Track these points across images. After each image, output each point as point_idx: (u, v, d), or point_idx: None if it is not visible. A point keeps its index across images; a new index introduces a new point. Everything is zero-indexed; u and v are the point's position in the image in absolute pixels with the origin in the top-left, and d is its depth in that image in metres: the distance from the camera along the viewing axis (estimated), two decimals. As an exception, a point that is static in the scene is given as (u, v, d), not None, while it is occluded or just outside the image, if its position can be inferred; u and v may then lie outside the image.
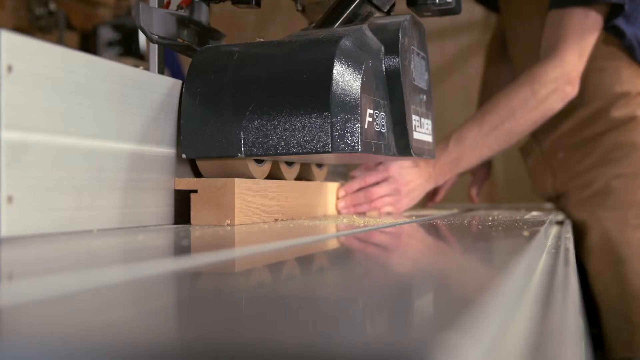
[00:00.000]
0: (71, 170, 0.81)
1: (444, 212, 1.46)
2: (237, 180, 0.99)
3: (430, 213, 1.43)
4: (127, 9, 2.68)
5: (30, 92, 0.76)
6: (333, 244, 0.75)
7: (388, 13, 1.20)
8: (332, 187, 1.37)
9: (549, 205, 1.94)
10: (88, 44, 2.43)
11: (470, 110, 2.79)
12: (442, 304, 0.36)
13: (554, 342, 0.40)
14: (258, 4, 1.20)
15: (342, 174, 1.60)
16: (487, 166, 2.04)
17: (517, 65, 1.86)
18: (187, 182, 1.01)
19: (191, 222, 1.00)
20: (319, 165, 1.30)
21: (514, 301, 0.44)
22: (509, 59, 1.97)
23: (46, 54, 0.78)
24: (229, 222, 0.98)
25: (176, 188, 1.01)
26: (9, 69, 0.72)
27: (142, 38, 2.47)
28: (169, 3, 1.15)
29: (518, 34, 1.84)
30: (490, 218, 1.17)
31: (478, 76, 2.55)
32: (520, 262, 0.52)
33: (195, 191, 1.00)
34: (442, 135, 1.52)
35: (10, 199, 0.73)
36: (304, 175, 1.25)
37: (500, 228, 0.91)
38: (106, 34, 2.50)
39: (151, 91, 0.97)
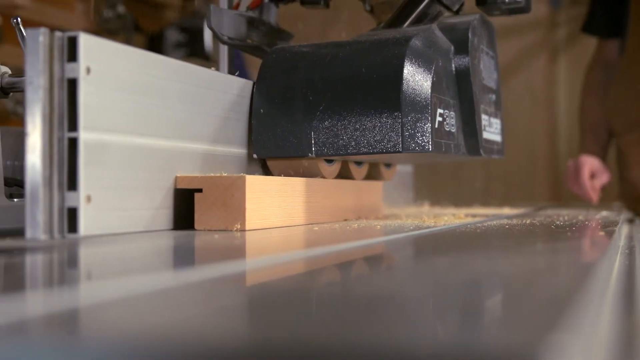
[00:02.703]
0: (146, 170, 0.83)
1: (514, 211, 1.45)
2: (248, 177, 0.87)
3: (499, 212, 1.42)
4: (193, 11, 2.70)
5: (107, 94, 0.77)
6: (410, 243, 0.74)
7: (457, 12, 1.19)
8: (374, 186, 1.28)
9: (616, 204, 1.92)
10: (155, 46, 2.45)
11: (535, 110, 2.78)
12: (538, 304, 0.36)
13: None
14: (327, 5, 1.21)
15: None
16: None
17: None
18: (191, 180, 0.88)
19: (195, 226, 0.88)
20: (388, 165, 1.30)
21: (600, 301, 0.44)
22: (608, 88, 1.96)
23: (122, 56, 0.79)
24: (238, 226, 0.87)
25: (177, 187, 0.88)
26: (87, 70, 0.74)
27: (207, 39, 2.49)
28: (238, 4, 1.16)
29: None
30: (563, 218, 1.16)
31: (542, 75, 2.53)
32: (602, 261, 0.51)
33: (200, 190, 0.88)
34: (510, 134, 1.51)
35: (88, 199, 0.74)
36: (372, 175, 1.25)
37: (574, 228, 0.90)
38: (173, 35, 2.52)
39: (223, 92, 0.98)
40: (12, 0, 2.03)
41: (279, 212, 0.94)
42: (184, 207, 0.89)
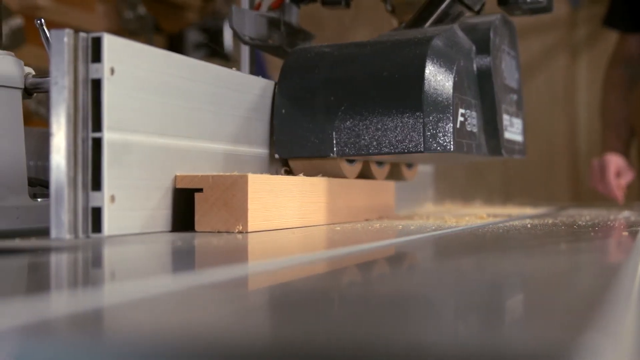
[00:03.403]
0: (169, 170, 0.83)
1: (535, 211, 1.45)
2: (250, 176, 0.83)
3: (521, 212, 1.41)
4: (213, 12, 2.71)
5: (131, 94, 0.77)
6: (434, 243, 0.74)
7: (478, 12, 1.19)
8: (386, 186, 1.24)
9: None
10: (175, 46, 2.46)
11: (555, 109, 2.77)
12: (567, 304, 0.36)
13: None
14: (347, 5, 1.21)
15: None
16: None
17: None
18: (191, 179, 0.84)
19: (195, 227, 0.84)
20: (409, 165, 1.29)
21: (627, 301, 0.44)
22: (633, 84, 1.95)
23: (145, 56, 0.80)
24: (240, 228, 0.83)
25: (177, 186, 0.84)
26: (111, 71, 0.74)
27: (227, 39, 2.49)
28: (259, 5, 1.16)
29: None
30: (584, 218, 1.16)
31: (562, 74, 2.52)
32: (628, 262, 0.51)
33: (200, 190, 0.84)
34: (530, 134, 1.50)
35: (112, 199, 0.74)
36: (393, 174, 1.25)
37: (597, 228, 0.90)
38: (193, 36, 2.53)
39: (245, 92, 0.98)
40: (34, 2, 2.05)
41: (283, 212, 0.91)
42: (184, 207, 0.86)
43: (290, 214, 0.92)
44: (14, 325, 0.30)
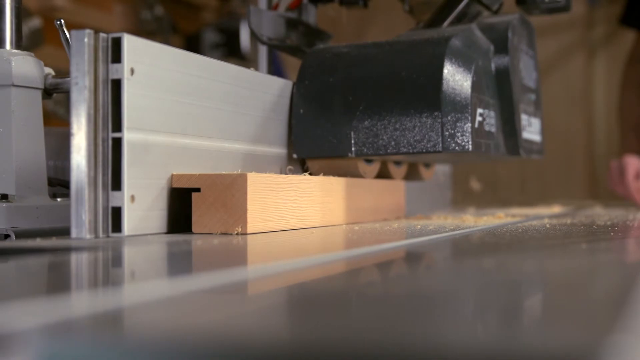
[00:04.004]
0: (189, 170, 0.83)
1: (553, 211, 1.44)
2: (250, 175, 0.79)
3: (538, 212, 1.41)
4: (229, 12, 2.71)
5: (151, 94, 0.77)
6: (453, 243, 0.74)
7: (496, 12, 1.19)
8: (396, 186, 1.20)
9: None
10: (192, 47, 2.47)
11: (572, 109, 2.76)
12: (592, 304, 0.36)
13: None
14: (365, 4, 1.21)
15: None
16: None
17: None
18: (188, 178, 0.80)
19: (192, 229, 0.81)
20: (427, 165, 1.29)
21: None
22: None
23: (165, 57, 0.80)
24: (239, 229, 0.79)
25: (174, 186, 0.81)
26: (131, 71, 0.74)
27: (243, 39, 2.50)
28: (277, 5, 1.17)
29: None
30: (603, 218, 1.15)
31: (579, 74, 2.51)
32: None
33: (198, 190, 0.80)
34: (547, 133, 1.50)
35: (132, 198, 0.75)
36: (411, 174, 1.25)
37: (616, 228, 0.90)
38: (210, 36, 2.54)
39: (264, 92, 0.98)
40: (52, 3, 2.06)
41: (286, 213, 0.87)
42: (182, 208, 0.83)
43: (293, 215, 0.89)
44: (37, 324, 0.30)
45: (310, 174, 0.99)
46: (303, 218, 0.91)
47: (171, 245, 0.68)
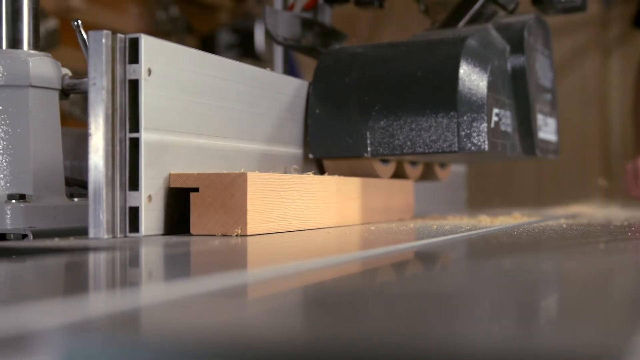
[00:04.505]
0: (205, 170, 0.83)
1: (568, 211, 1.44)
2: (250, 174, 0.76)
3: (553, 212, 1.40)
4: (244, 12, 2.72)
5: (168, 94, 0.78)
6: (471, 243, 0.74)
7: (512, 12, 1.19)
8: (404, 186, 1.16)
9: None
10: (207, 47, 2.47)
11: (587, 109, 2.75)
12: (616, 304, 0.36)
13: None
14: (381, 5, 1.21)
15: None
16: None
17: None
18: (186, 178, 0.78)
19: (190, 230, 0.78)
20: (442, 165, 1.29)
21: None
22: None
23: (182, 57, 0.80)
24: (238, 231, 0.76)
25: (171, 185, 0.78)
26: (149, 72, 0.75)
27: (258, 40, 2.50)
28: (293, 5, 1.17)
29: None
30: (619, 218, 1.15)
31: (594, 74, 2.50)
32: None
33: (196, 189, 0.77)
34: (562, 133, 1.50)
35: (149, 199, 0.75)
36: (427, 174, 1.25)
37: (633, 228, 0.89)
38: (225, 36, 2.54)
39: (279, 92, 0.99)
40: (68, 4, 2.06)
41: (289, 214, 0.84)
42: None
43: (296, 216, 0.86)
44: (57, 324, 0.31)
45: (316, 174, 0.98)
46: (307, 219, 0.88)
47: (185, 245, 0.68)
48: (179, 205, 0.80)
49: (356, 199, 1.01)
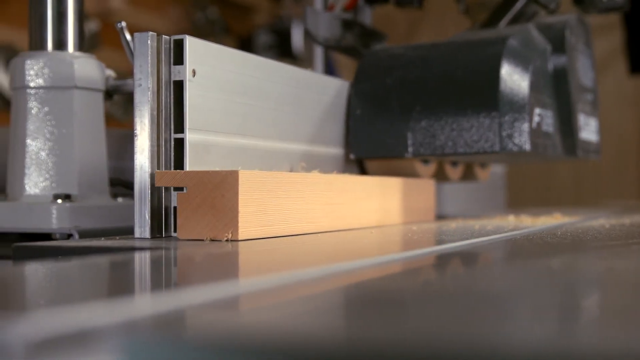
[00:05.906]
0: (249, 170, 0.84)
1: (609, 212, 1.43)
2: (242, 172, 0.69)
3: (594, 212, 1.39)
4: (281, 14, 2.73)
5: (212, 95, 0.78)
6: (514, 243, 0.74)
7: (554, 12, 1.18)
8: (424, 185, 1.09)
9: None
10: (245, 48, 2.49)
11: (624, 108, 2.73)
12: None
13: None
14: (420, 4, 1.21)
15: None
16: None
17: None
18: (172, 176, 0.71)
19: (177, 234, 0.72)
20: (482, 165, 1.29)
21: None
22: None
23: (225, 58, 0.81)
24: (229, 235, 0.69)
25: (156, 184, 0.72)
26: (193, 73, 0.75)
27: (295, 40, 2.51)
28: (333, 6, 1.17)
29: None
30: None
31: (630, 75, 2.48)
32: None
33: (183, 189, 0.71)
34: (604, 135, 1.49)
35: (193, 198, 0.75)
36: (467, 175, 1.25)
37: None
38: (263, 37, 2.55)
39: (321, 93, 0.99)
40: (108, 5, 2.08)
41: (288, 216, 0.77)
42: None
43: (297, 218, 0.79)
44: (114, 322, 0.31)
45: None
46: (310, 221, 0.81)
47: (224, 245, 0.68)
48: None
49: (369, 199, 0.93)
